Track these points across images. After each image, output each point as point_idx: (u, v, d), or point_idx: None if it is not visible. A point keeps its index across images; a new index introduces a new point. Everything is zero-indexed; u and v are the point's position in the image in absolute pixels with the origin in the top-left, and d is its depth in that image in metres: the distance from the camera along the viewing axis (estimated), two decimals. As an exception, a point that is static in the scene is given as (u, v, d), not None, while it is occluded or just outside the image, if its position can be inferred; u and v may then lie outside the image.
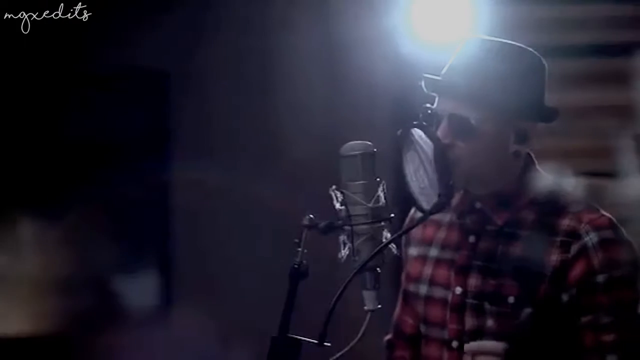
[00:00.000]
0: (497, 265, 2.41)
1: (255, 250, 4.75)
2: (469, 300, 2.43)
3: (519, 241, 2.41)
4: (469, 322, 2.43)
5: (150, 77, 4.89)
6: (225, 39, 4.82)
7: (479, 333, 2.41)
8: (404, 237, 2.59)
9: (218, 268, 4.76)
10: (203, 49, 4.79)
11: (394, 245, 2.27)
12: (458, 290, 2.45)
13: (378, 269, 2.27)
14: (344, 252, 2.28)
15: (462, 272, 2.46)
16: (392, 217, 2.28)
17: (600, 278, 2.35)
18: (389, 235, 2.26)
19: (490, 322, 2.40)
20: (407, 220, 2.60)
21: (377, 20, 4.72)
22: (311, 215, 2.30)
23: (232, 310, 4.68)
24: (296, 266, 2.28)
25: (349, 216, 2.26)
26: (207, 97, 4.83)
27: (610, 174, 4.44)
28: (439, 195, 2.31)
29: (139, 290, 4.91)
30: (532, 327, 2.30)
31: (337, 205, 2.28)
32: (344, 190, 2.28)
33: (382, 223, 2.27)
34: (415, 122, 2.37)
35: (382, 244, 2.24)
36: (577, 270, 2.35)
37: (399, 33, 4.70)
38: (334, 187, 2.29)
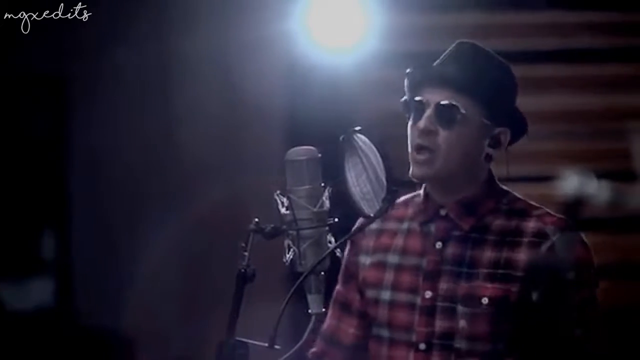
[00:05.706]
0: (468, 269, 2.48)
1: (150, 250, 4.73)
2: (440, 303, 2.48)
3: (487, 244, 2.48)
4: (440, 324, 2.48)
5: (48, 81, 4.82)
6: (123, 43, 4.79)
7: (450, 334, 2.48)
8: (350, 249, 2.62)
9: (115, 270, 4.73)
10: (101, 52, 4.76)
11: (339, 250, 2.31)
12: (428, 294, 2.49)
13: (322, 273, 2.30)
14: (289, 256, 2.30)
15: (432, 276, 2.50)
16: (337, 220, 2.31)
17: (570, 277, 2.44)
18: (333, 239, 2.30)
19: (463, 324, 2.46)
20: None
21: (272, 23, 4.76)
22: (256, 219, 2.32)
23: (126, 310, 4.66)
24: (243, 270, 2.28)
25: (295, 220, 2.29)
26: (106, 100, 4.80)
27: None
28: (383, 200, 2.35)
29: (35, 295, 4.82)
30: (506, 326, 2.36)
31: (283, 210, 2.30)
32: (290, 195, 2.30)
33: (327, 227, 2.30)
34: (357, 128, 2.40)
35: (330, 249, 2.27)
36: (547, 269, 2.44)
37: (293, 35, 4.74)
38: (278, 191, 2.31)
